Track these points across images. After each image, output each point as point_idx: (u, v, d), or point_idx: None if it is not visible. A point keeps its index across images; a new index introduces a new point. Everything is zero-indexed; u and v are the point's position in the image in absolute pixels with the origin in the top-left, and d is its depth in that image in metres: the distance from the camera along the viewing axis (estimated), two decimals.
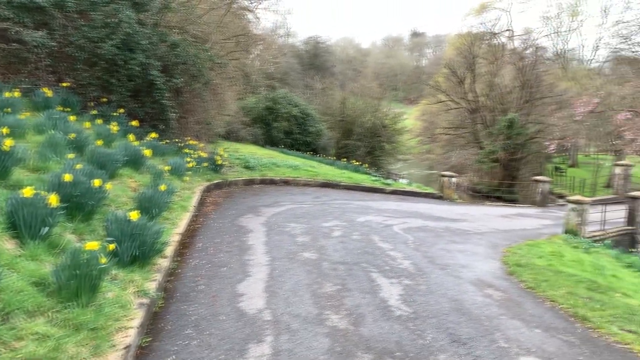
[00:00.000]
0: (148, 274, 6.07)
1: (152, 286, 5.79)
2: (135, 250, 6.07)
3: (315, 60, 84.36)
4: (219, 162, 16.93)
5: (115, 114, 14.21)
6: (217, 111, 21.99)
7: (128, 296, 5.23)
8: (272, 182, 18.75)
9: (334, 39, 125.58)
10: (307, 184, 19.61)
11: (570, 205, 16.18)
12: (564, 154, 50.44)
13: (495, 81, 40.51)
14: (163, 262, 6.68)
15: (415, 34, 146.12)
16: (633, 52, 48.36)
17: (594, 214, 16.79)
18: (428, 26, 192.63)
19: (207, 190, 14.63)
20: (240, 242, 9.36)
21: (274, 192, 16.75)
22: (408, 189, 22.21)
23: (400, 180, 26.71)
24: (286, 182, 19.17)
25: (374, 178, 23.00)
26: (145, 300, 5.35)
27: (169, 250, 7.22)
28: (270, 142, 36.47)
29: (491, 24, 62.54)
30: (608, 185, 37.73)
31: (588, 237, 16.38)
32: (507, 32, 63.95)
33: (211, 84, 17.97)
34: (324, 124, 41.04)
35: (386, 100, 48.29)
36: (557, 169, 46.06)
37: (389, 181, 22.94)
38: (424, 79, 67.23)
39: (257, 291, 6.76)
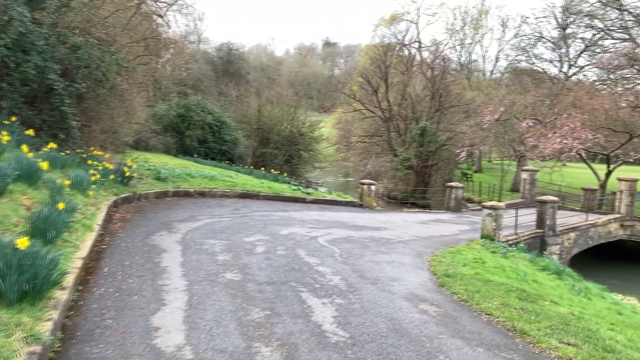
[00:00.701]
0: (41, 312, 5.09)
1: (45, 327, 4.82)
2: (25, 284, 5.07)
3: (229, 67, 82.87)
4: (128, 174, 15.64)
5: (6, 122, 12.60)
6: (124, 119, 20.51)
7: (13, 345, 4.26)
8: (186, 194, 17.66)
9: (248, 46, 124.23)
10: (225, 195, 18.71)
11: (486, 211, 16.55)
12: (470, 160, 52.88)
13: (407, 91, 41.68)
14: (61, 295, 5.68)
15: (327, 44, 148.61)
16: (531, 63, 51.84)
17: (507, 218, 17.30)
18: (340, 36, 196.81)
19: (115, 205, 13.37)
20: (153, 264, 8.42)
21: (190, 205, 15.72)
22: (329, 197, 21.92)
23: (320, 189, 26.43)
24: (202, 194, 18.15)
25: (294, 187, 22.50)
26: (36, 348, 4.40)
27: (69, 279, 6.20)
28: (183, 151, 34.95)
29: (401, 35, 64.73)
30: (513, 189, 39.88)
31: (503, 242, 16.86)
32: (416, 43, 66.58)
33: (118, 89, 16.64)
34: (240, 132, 40.10)
35: (302, 108, 48.16)
36: (464, 174, 48.10)
37: (309, 190, 22.54)
38: (339, 88, 68.04)
39: (175, 323, 5.95)
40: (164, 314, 6.22)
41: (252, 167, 32.42)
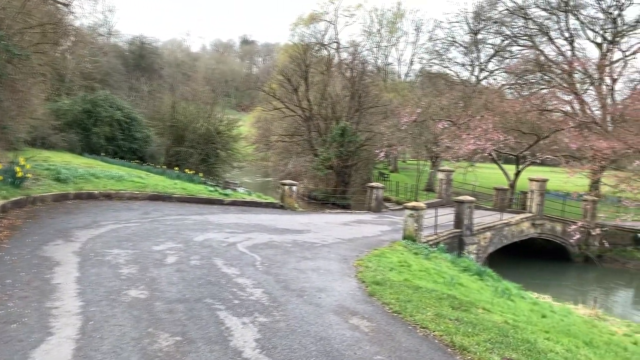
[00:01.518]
0: None
1: None
2: None
3: (141, 61, 79.15)
4: (20, 174, 13.83)
5: None
6: (17, 112, 18.36)
7: None
8: (90, 196, 16.01)
9: (162, 40, 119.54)
10: (133, 198, 17.21)
11: (408, 212, 16.38)
12: (386, 160, 53.74)
13: (327, 90, 41.47)
14: None
15: (245, 42, 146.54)
16: (444, 67, 53.59)
17: (426, 219, 17.25)
18: (258, 34, 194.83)
19: (3, 210, 11.68)
20: (42, 281, 7.17)
21: (93, 209, 14.19)
22: (248, 199, 20.96)
23: (239, 190, 25.37)
24: (108, 196, 16.56)
25: (210, 188, 21.31)
26: None
27: None
28: (89, 149, 32.44)
29: (320, 35, 64.78)
30: (428, 189, 40.86)
31: (424, 242, 16.80)
32: (335, 44, 66.88)
33: (7, 78, 14.71)
34: (153, 129, 37.99)
35: (219, 106, 46.60)
36: (381, 174, 48.78)
37: (227, 191, 21.45)
38: (258, 86, 66.87)
39: (63, 359, 4.87)
40: (48, 346, 5.11)
41: (165, 166, 30.69)
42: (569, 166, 25.85)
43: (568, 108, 40.12)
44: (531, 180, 23.75)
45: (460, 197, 19.80)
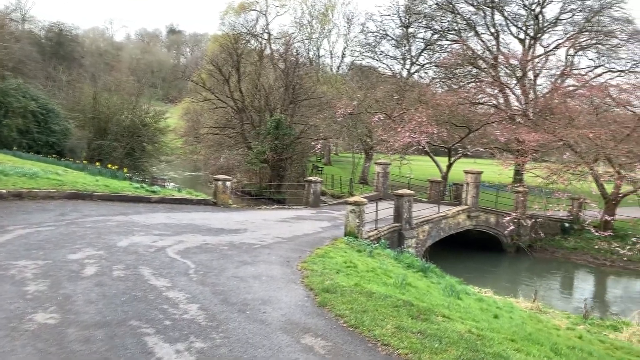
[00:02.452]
0: None
1: None
2: None
3: (59, 49, 74.23)
4: None
5: None
6: None
7: None
8: None
9: (83, 28, 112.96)
10: (49, 197, 15.48)
11: (349, 207, 15.79)
12: (320, 153, 53.31)
13: (260, 81, 40.26)
14: None
15: (172, 31, 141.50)
16: (376, 60, 53.75)
17: (367, 213, 16.73)
18: (186, 24, 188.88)
19: None
20: None
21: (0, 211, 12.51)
22: (178, 196, 19.61)
23: (168, 186, 23.84)
24: (19, 196, 14.77)
25: (136, 185, 19.74)
26: None
27: None
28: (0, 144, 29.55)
29: (251, 25, 63.19)
30: (362, 182, 40.78)
31: (366, 238, 16.29)
32: (266, 34, 65.50)
33: None
34: (72, 121, 35.25)
35: (145, 97, 44.11)
36: (315, 167, 48.30)
37: (155, 188, 19.95)
38: (186, 76, 64.33)
39: None
40: None
41: (86, 162, 28.43)
42: (502, 158, 26.32)
43: (496, 102, 41.32)
44: (466, 172, 23.91)
45: (400, 191, 19.49)
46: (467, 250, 24.40)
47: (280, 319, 6.52)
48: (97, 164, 25.47)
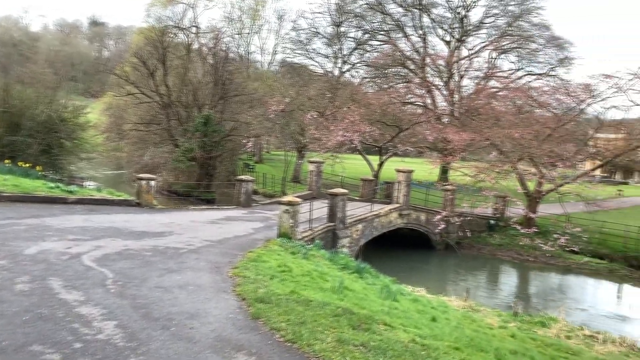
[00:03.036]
0: None
1: None
2: None
3: None
4: None
5: None
6: None
7: None
8: None
9: None
10: None
11: (283, 207, 15.24)
12: (251, 150, 52.30)
13: (188, 76, 38.78)
14: None
15: (94, 23, 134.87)
16: (308, 57, 53.47)
17: (301, 213, 16.28)
18: (109, 15, 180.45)
19: None
20: None
21: None
22: (98, 196, 18.25)
23: (88, 185, 22.25)
24: None
25: (51, 184, 18.17)
26: None
27: None
28: None
29: (178, 17, 60.95)
30: (294, 180, 40.32)
31: (300, 239, 15.82)
32: (195, 28, 63.45)
33: None
34: None
35: (64, 90, 41.28)
36: (246, 165, 47.35)
37: (72, 188, 18.46)
38: (109, 69, 61.03)
39: None
40: None
41: None
42: (430, 157, 26.73)
43: (425, 102, 42.23)
44: (398, 171, 24.03)
45: (334, 190, 19.18)
46: (399, 248, 24.56)
47: (209, 335, 5.88)
48: (7, 161, 23.35)
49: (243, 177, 23.08)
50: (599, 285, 22.19)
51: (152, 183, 19.43)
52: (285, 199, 15.65)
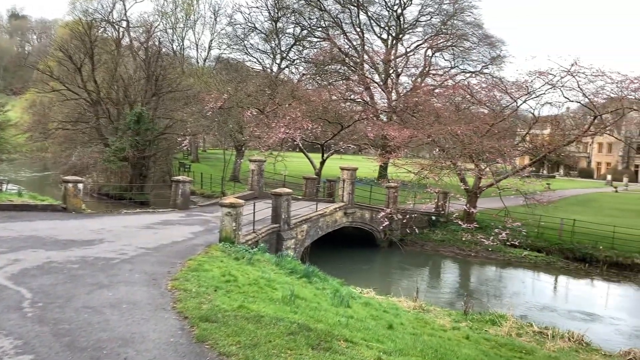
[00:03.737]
0: None
1: None
2: None
3: None
4: None
5: None
6: None
7: None
8: None
9: None
10: None
11: (225, 210, 14.35)
12: (186, 149, 50.51)
13: (118, 71, 36.70)
14: None
15: (15, 16, 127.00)
16: (245, 53, 52.24)
17: (244, 216, 15.43)
18: (31, 8, 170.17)
19: None
20: None
21: None
22: (18, 201, 16.62)
23: (7, 189, 20.33)
24: None
25: None
26: None
27: None
28: None
29: (107, 11, 58.10)
30: (233, 179, 39.16)
31: (244, 243, 15.00)
32: (125, 22, 60.67)
33: None
34: None
35: None
36: (182, 164, 45.66)
37: None
38: (31, 64, 57.22)
39: None
40: None
41: None
42: (371, 154, 26.48)
43: (364, 99, 42.22)
44: (342, 169, 23.59)
45: (278, 190, 18.43)
46: (343, 247, 24.15)
47: None
48: None
49: (180, 177, 21.88)
50: (539, 278, 22.67)
51: (80, 185, 17.94)
52: (227, 200, 14.76)
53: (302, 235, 19.81)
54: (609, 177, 73.59)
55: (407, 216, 25.23)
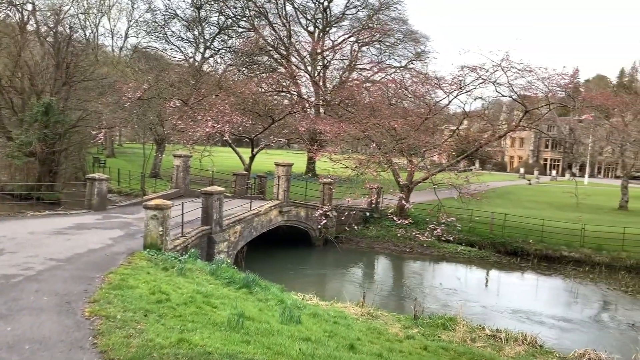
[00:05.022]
0: None
1: None
2: None
3: None
4: None
5: None
6: None
7: None
8: None
9: None
10: None
11: (150, 212, 12.74)
12: (102, 143, 47.01)
13: (23, 58, 33.07)
14: None
15: None
16: (166, 41, 49.33)
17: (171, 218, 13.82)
18: None
19: None
20: None
21: None
22: None
23: None
24: None
25: None
26: None
27: None
28: None
29: None
30: (154, 175, 36.74)
31: (172, 249, 13.41)
32: (30, 4, 55.43)
33: None
34: None
35: None
36: (97, 160, 42.41)
37: None
38: None
39: None
40: None
41: None
42: (303, 148, 25.41)
43: (292, 92, 41.07)
44: (277, 165, 22.29)
45: (209, 188, 16.91)
46: (278, 247, 22.94)
47: None
48: None
49: (96, 175, 19.65)
50: (473, 273, 22.60)
51: None
52: (152, 202, 13.07)
53: (235, 237, 18.37)
54: (521, 170, 77.47)
55: (342, 213, 24.44)
